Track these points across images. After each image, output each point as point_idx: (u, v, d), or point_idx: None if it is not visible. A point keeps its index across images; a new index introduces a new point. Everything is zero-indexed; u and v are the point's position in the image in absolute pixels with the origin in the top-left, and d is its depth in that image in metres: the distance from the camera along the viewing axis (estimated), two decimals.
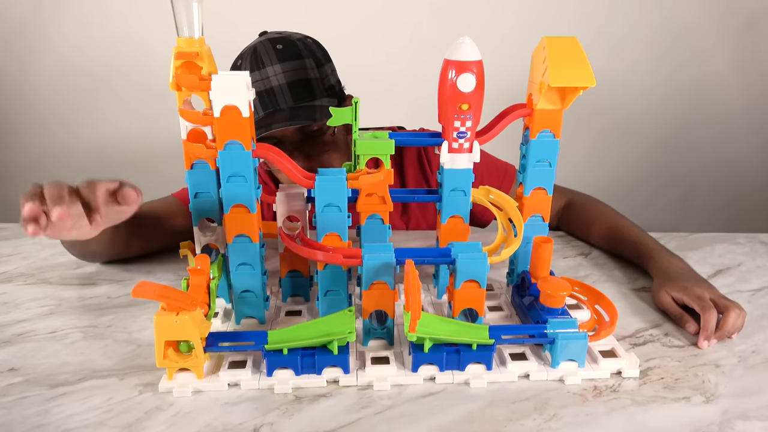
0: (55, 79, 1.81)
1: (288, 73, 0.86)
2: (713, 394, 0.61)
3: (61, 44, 1.77)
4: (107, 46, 1.77)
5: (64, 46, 1.77)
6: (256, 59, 0.87)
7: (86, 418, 0.57)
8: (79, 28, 1.75)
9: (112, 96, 1.83)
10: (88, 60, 1.79)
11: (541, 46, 0.67)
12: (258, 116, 0.88)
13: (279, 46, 0.87)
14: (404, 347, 0.67)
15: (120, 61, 1.79)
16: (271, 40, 0.88)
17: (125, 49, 1.78)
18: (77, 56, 1.78)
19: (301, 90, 0.87)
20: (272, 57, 0.86)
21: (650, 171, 1.93)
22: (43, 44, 1.77)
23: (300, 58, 0.87)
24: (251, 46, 0.89)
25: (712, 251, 0.96)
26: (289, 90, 0.87)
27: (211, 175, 0.69)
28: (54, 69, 1.80)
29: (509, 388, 0.62)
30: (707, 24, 1.76)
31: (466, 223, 0.74)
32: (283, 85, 0.86)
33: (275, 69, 0.86)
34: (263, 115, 0.88)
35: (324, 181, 0.66)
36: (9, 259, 0.94)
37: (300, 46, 0.88)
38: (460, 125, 0.68)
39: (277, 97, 0.87)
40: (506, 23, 1.72)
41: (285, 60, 0.86)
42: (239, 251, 0.68)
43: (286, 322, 0.73)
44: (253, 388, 0.61)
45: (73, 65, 1.79)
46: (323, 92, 0.89)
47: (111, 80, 1.81)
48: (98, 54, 1.78)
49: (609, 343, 0.68)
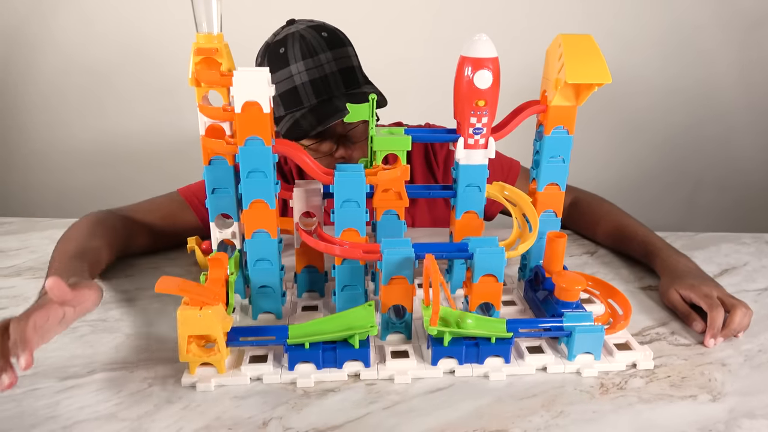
0: (58, 75, 1.80)
1: (338, 60, 0.87)
2: (720, 392, 0.62)
3: (63, 40, 1.76)
4: (110, 42, 1.76)
5: (66, 42, 1.76)
6: (307, 46, 0.86)
7: (96, 410, 0.58)
8: (81, 24, 1.74)
9: (116, 92, 1.82)
10: (90, 56, 1.78)
11: (557, 44, 0.68)
12: (309, 103, 0.87)
13: (324, 34, 0.87)
14: (422, 341, 0.68)
15: (124, 58, 1.78)
16: (314, 28, 0.88)
17: (129, 45, 1.77)
18: (80, 52, 1.77)
19: (349, 77, 0.88)
20: (322, 44, 0.86)
21: (657, 169, 1.95)
22: (45, 40, 1.76)
23: (344, 45, 0.88)
24: (294, 34, 0.88)
25: (718, 251, 0.97)
26: (341, 77, 0.87)
27: (228, 171, 0.69)
28: (56, 66, 1.79)
29: (517, 385, 0.63)
30: (715, 24, 1.78)
31: (481, 218, 0.75)
32: (335, 72, 0.87)
33: (327, 56, 0.86)
34: (317, 103, 0.87)
35: (343, 177, 0.66)
36: (18, 252, 0.94)
37: (340, 34, 0.89)
38: (476, 121, 0.69)
39: (331, 85, 0.87)
40: (515, 22, 1.74)
41: (334, 47, 0.87)
42: (258, 247, 0.69)
43: (303, 317, 0.73)
44: (275, 382, 0.61)
45: (76, 61, 1.78)
46: (364, 79, 0.91)
47: (114, 76, 1.81)
48: (101, 50, 1.77)
49: (623, 336, 0.69)
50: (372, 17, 1.72)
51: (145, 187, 1.31)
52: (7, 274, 0.86)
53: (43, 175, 1.93)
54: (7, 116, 1.86)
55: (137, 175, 1.89)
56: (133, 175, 1.89)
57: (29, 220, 1.07)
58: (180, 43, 1.72)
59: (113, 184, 1.91)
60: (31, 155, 1.90)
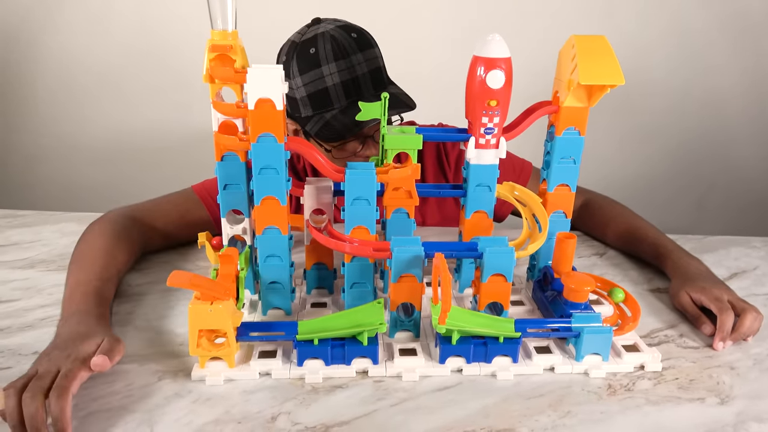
0: (67, 72, 1.81)
1: (369, 61, 0.87)
2: (728, 395, 0.62)
3: (71, 37, 1.77)
4: (118, 38, 1.78)
5: (74, 38, 1.78)
6: (339, 47, 0.86)
7: (108, 401, 0.59)
8: (89, 21, 1.76)
9: (124, 89, 1.84)
10: (99, 53, 1.79)
11: (570, 44, 0.68)
12: (340, 104, 0.88)
13: (353, 35, 0.88)
14: (430, 339, 0.68)
15: (132, 54, 1.79)
16: (342, 28, 0.89)
17: (137, 42, 1.78)
18: (89, 49, 1.79)
19: (377, 79, 0.89)
20: (353, 46, 0.87)
21: (669, 172, 1.94)
22: (53, 37, 1.78)
23: (371, 46, 0.89)
24: (326, 34, 0.87)
25: (727, 254, 0.97)
26: (371, 79, 0.88)
27: (240, 167, 0.70)
28: (65, 62, 1.80)
29: (525, 384, 0.63)
30: (729, 29, 1.77)
31: (491, 218, 0.75)
32: (366, 74, 0.87)
33: (358, 58, 0.87)
34: (347, 104, 0.88)
35: (354, 175, 0.66)
36: (31, 245, 0.95)
37: (368, 35, 0.90)
38: (488, 121, 0.69)
39: (362, 87, 0.88)
40: (529, 23, 1.74)
41: (364, 49, 0.87)
42: (268, 243, 0.69)
43: (311, 313, 0.74)
44: (283, 377, 0.62)
45: (85, 58, 1.80)
46: (389, 80, 0.91)
47: (122, 73, 1.82)
48: (110, 47, 1.78)
49: (631, 338, 0.69)
50: (386, 17, 1.73)
51: (153, 183, 1.32)
52: (21, 266, 0.87)
53: (52, 170, 1.95)
54: (16, 111, 1.88)
55: (145, 170, 1.91)
56: (141, 171, 1.91)
57: (42, 213, 1.08)
58: (188, 40, 1.74)
59: (121, 180, 1.92)
60: (41, 150, 1.92)
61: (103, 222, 0.86)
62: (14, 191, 1.98)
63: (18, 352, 0.66)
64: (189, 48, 1.72)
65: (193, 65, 1.73)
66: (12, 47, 1.80)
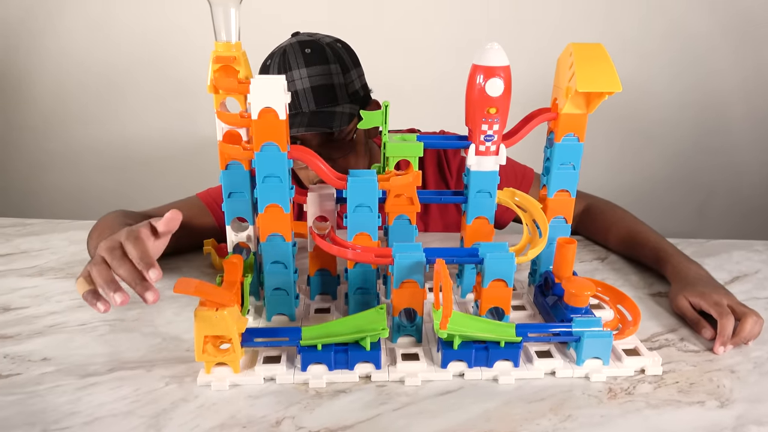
0: (73, 80, 1.84)
1: (313, 77, 0.88)
2: (728, 399, 0.62)
3: (75, 45, 1.80)
4: (123, 47, 1.80)
5: (79, 46, 1.80)
6: (284, 62, 0.89)
7: (115, 407, 0.60)
8: (94, 29, 1.79)
9: (128, 97, 1.86)
10: (105, 61, 1.82)
11: (568, 52, 0.69)
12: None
13: (307, 50, 0.89)
14: (432, 344, 0.69)
15: (136, 63, 1.82)
16: (300, 43, 0.90)
17: (141, 51, 1.81)
18: (94, 58, 1.81)
19: (323, 95, 0.89)
20: (299, 61, 0.88)
21: (669, 178, 1.94)
22: (58, 45, 1.80)
23: (326, 63, 0.89)
24: (281, 48, 0.91)
25: (729, 258, 0.97)
26: (312, 94, 0.89)
27: (244, 175, 0.71)
28: (71, 70, 1.83)
29: (526, 388, 0.63)
30: (729, 34, 1.77)
31: (491, 224, 0.76)
32: (307, 89, 0.88)
33: (301, 73, 0.88)
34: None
35: (356, 182, 0.68)
36: (40, 253, 0.96)
37: (328, 51, 0.90)
38: (488, 128, 0.70)
39: (300, 101, 0.89)
40: (527, 31, 1.75)
41: (312, 64, 0.88)
42: (272, 250, 0.70)
43: (315, 319, 0.74)
44: (288, 382, 0.63)
45: (91, 66, 1.83)
46: (346, 98, 0.91)
47: (127, 81, 1.84)
48: (115, 55, 1.81)
49: (632, 342, 0.69)
50: (386, 26, 1.75)
51: (158, 191, 1.33)
52: (30, 274, 0.89)
53: (58, 178, 1.97)
54: (21, 120, 1.91)
55: (150, 179, 1.93)
56: (146, 180, 1.93)
57: (50, 222, 1.09)
58: (190, 50, 1.76)
59: (126, 188, 1.95)
60: (47, 158, 1.95)
61: (106, 215, 0.89)
62: (20, 199, 2.01)
63: (27, 359, 0.68)
64: (191, 58, 1.74)
65: (196, 75, 1.76)
66: (16, 55, 1.82)
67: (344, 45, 0.94)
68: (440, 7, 1.74)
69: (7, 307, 0.79)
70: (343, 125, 0.88)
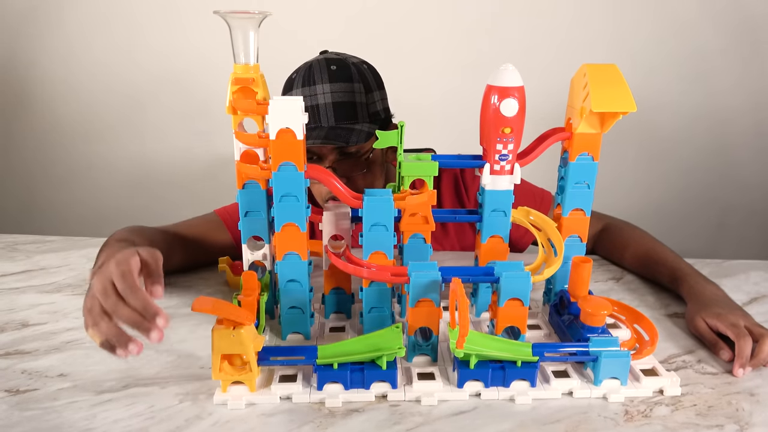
0: (97, 100, 1.88)
1: (336, 93, 0.90)
2: (747, 422, 0.61)
3: (101, 65, 1.84)
4: (145, 68, 1.84)
5: (104, 67, 1.84)
6: (309, 76, 0.91)
7: (130, 424, 0.60)
8: (116, 53, 1.82)
9: (150, 116, 1.89)
10: (128, 82, 1.85)
11: (582, 73, 0.70)
12: None
13: (333, 67, 0.91)
14: (448, 364, 0.69)
15: (158, 84, 1.85)
16: (327, 60, 0.92)
17: (163, 72, 1.84)
18: (118, 78, 1.85)
19: (344, 111, 0.90)
20: (324, 76, 0.90)
21: (685, 195, 1.92)
22: (84, 65, 1.84)
23: (350, 81, 0.91)
24: (308, 63, 0.93)
25: (747, 279, 0.96)
26: (333, 110, 0.90)
27: (261, 195, 0.72)
28: (95, 90, 1.87)
29: (541, 409, 0.63)
30: (741, 49, 1.77)
31: (506, 243, 0.76)
32: (329, 104, 0.90)
33: (324, 88, 0.90)
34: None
35: (372, 201, 0.68)
36: (58, 270, 0.98)
37: (353, 70, 0.92)
38: (502, 148, 0.71)
39: (320, 115, 0.90)
40: (541, 52, 1.76)
41: (336, 81, 0.90)
42: (288, 268, 0.71)
43: (330, 338, 0.75)
44: (304, 401, 0.63)
45: (115, 86, 1.86)
46: (366, 117, 0.92)
47: (149, 101, 1.88)
48: (138, 76, 1.84)
49: (649, 362, 0.69)
50: (403, 49, 1.77)
51: (175, 208, 1.35)
52: (48, 290, 0.90)
53: (78, 195, 2.00)
54: (45, 138, 1.94)
55: (169, 195, 1.95)
56: (164, 196, 1.95)
57: (69, 239, 1.11)
58: (211, 71, 1.79)
59: (145, 204, 1.97)
60: (69, 175, 1.98)
61: (120, 229, 0.90)
62: (40, 215, 2.04)
63: (45, 374, 0.68)
64: (212, 79, 1.77)
65: (216, 95, 1.78)
66: (43, 74, 1.86)
67: (370, 67, 0.96)
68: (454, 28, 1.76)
69: (25, 323, 0.80)
70: (360, 142, 0.89)
